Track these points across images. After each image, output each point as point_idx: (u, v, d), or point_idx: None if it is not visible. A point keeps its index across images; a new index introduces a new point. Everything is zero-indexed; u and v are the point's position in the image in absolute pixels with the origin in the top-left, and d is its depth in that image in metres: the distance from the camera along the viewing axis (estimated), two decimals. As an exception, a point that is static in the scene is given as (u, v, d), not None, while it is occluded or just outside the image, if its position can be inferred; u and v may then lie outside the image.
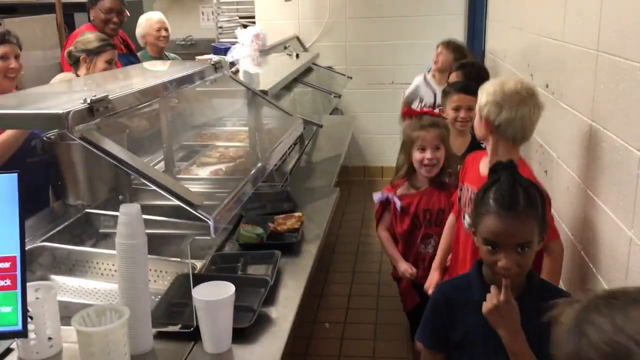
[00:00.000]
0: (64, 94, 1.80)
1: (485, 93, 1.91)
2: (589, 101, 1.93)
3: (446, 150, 2.35)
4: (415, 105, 3.76)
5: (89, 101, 1.43)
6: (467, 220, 1.97)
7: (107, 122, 1.67)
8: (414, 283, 2.38)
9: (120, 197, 2.00)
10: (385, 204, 2.46)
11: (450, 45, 3.71)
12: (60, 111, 1.35)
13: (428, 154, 2.30)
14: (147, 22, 4.03)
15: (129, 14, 3.78)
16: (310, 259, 1.98)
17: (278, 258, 1.89)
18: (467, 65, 3.19)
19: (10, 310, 1.23)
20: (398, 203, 2.38)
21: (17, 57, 2.50)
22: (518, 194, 1.40)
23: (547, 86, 2.47)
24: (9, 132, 2.28)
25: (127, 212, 1.39)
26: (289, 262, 1.94)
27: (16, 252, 1.24)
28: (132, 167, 1.38)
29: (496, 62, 3.84)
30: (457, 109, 2.63)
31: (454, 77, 3.06)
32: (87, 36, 2.98)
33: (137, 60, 3.85)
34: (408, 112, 2.47)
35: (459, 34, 5.03)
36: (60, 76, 3.01)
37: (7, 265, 1.23)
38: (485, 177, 1.92)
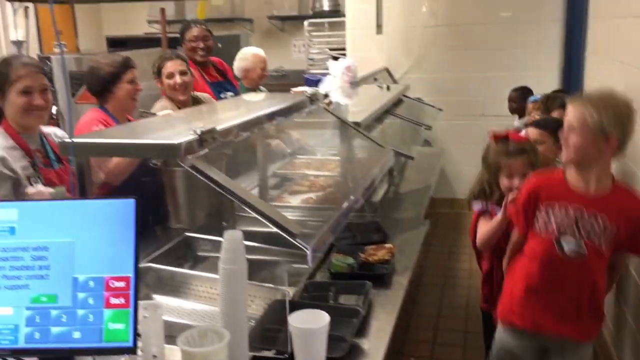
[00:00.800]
0: (174, 125, 1.92)
1: (605, 111, 1.81)
2: None
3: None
4: None
5: (198, 132, 1.52)
6: (569, 245, 1.91)
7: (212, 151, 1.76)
8: None
9: (223, 223, 2.09)
10: (483, 214, 2.40)
11: (543, 105, 3.49)
12: (175, 142, 1.45)
13: (516, 182, 2.24)
14: (255, 57, 4.16)
15: (217, 44, 3.95)
16: (401, 291, 1.98)
17: (369, 289, 1.90)
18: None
19: (122, 327, 1.32)
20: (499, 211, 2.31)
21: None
22: None
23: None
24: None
25: (231, 239, 1.46)
26: (380, 293, 1.95)
27: (130, 273, 1.33)
28: (237, 196, 1.45)
29: (595, 95, 3.70)
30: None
31: (555, 114, 2.98)
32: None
33: (234, 88, 4.00)
34: (495, 136, 2.42)
35: (553, 67, 4.92)
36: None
37: (122, 284, 1.32)
38: (585, 195, 1.87)
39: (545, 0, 4.91)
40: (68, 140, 1.48)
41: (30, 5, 6.60)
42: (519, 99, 4.56)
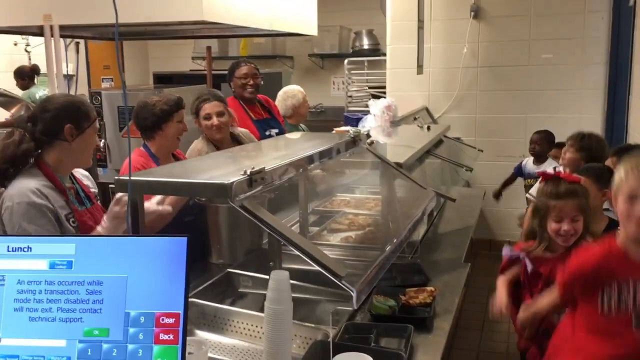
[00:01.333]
0: (223, 165, 1.97)
1: None
2: None
3: (585, 219, 2.16)
4: None
5: (248, 173, 1.56)
6: None
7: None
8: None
9: (271, 263, 2.12)
10: (513, 262, 2.29)
11: (576, 143, 3.28)
12: (226, 182, 1.49)
13: (565, 226, 2.13)
14: (302, 94, 4.29)
15: (262, 81, 4.07)
16: (442, 337, 1.96)
17: (411, 333, 1.89)
18: (626, 150, 2.94)
19: (170, 363, 1.34)
20: (530, 266, 2.18)
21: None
22: None
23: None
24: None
25: (277, 279, 1.48)
26: (421, 337, 1.93)
27: (180, 310, 1.35)
28: (285, 237, 1.47)
29: (640, 139, 3.65)
30: None
31: (609, 162, 2.86)
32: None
33: (279, 125, 4.08)
34: (544, 176, 2.30)
35: (597, 110, 4.88)
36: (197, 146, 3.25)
37: (171, 320, 1.35)
38: None
39: (587, 42, 4.90)
40: (124, 177, 1.53)
41: (81, 41, 6.89)
42: (542, 141, 4.48)
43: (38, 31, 3.61)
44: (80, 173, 2.35)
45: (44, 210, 1.97)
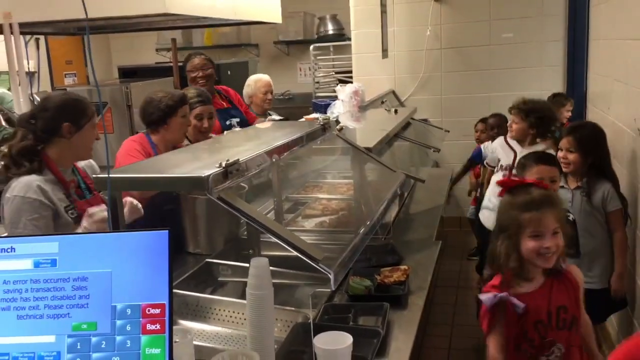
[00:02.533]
0: (198, 158, 2.01)
1: None
2: None
3: (563, 232, 1.81)
4: (496, 170, 3.41)
5: (223, 165, 1.61)
6: None
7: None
8: None
9: (250, 251, 2.17)
10: (495, 309, 1.81)
11: (522, 111, 3.23)
12: (202, 175, 1.53)
13: (546, 242, 1.76)
14: (256, 83, 4.32)
15: (213, 71, 4.05)
16: (417, 312, 2.04)
17: (387, 310, 1.97)
18: (578, 128, 2.88)
19: (159, 352, 1.38)
20: (520, 306, 1.77)
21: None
22: None
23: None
24: None
25: (257, 266, 1.54)
26: (397, 314, 2.01)
27: (165, 300, 1.40)
28: (264, 225, 1.53)
29: (598, 113, 3.79)
30: None
31: (564, 143, 2.80)
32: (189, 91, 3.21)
33: (240, 114, 4.10)
34: (505, 183, 1.92)
35: (557, 85, 5.01)
36: None
37: (157, 311, 1.39)
38: None
39: (546, 20, 5.02)
40: (102, 175, 1.56)
41: (41, 36, 6.75)
42: (504, 124, 4.19)
43: (-3, 29, 3.56)
44: (84, 163, 2.46)
45: (35, 205, 2.13)
